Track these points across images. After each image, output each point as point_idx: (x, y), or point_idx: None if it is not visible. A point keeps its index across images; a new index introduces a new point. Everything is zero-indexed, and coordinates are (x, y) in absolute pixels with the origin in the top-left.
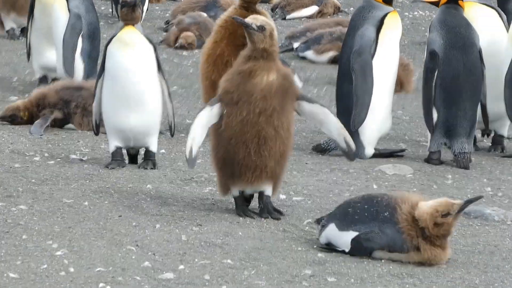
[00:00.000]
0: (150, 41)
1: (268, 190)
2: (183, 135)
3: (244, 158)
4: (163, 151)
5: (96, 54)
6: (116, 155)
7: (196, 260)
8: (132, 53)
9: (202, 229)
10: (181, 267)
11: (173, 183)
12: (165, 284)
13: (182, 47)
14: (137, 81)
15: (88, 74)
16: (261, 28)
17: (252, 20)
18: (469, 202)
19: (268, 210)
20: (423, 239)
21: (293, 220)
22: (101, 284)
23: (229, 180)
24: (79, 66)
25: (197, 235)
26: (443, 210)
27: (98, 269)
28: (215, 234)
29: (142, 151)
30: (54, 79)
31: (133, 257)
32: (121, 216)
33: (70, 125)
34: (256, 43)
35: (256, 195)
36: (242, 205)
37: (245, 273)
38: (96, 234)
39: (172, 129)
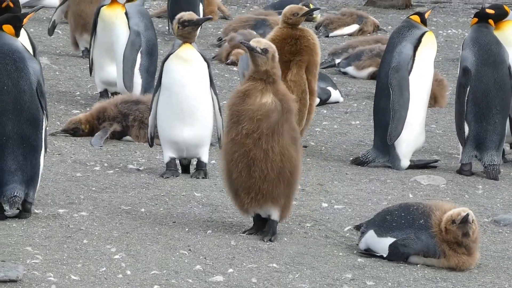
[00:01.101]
0: (205, 59)
1: (274, 214)
2: None
3: (237, 179)
4: (213, 161)
5: (154, 69)
6: (170, 165)
7: (244, 264)
8: (188, 70)
9: (250, 235)
10: (230, 270)
11: (223, 191)
12: (215, 286)
13: (233, 63)
14: (191, 96)
15: (145, 89)
16: (265, 51)
17: (256, 43)
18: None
19: (266, 234)
20: (448, 245)
21: (334, 226)
22: (155, 286)
23: (238, 200)
24: (138, 81)
25: (245, 240)
26: (452, 218)
27: (153, 272)
28: (262, 240)
29: (194, 162)
30: (114, 93)
31: (186, 260)
32: (175, 222)
33: (128, 137)
34: (259, 65)
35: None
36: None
37: (290, 276)
38: (151, 239)
39: (221, 141)
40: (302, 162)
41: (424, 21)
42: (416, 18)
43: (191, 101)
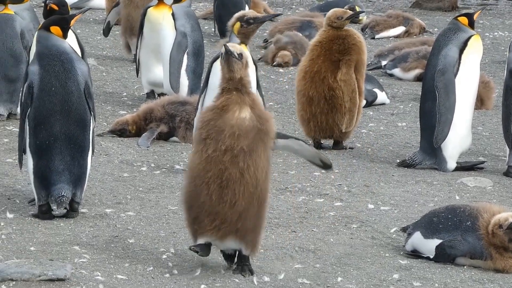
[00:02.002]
0: (254, 61)
1: (244, 249)
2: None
3: (205, 203)
4: None
5: (200, 70)
6: None
7: (290, 264)
8: None
9: (297, 236)
10: (276, 270)
11: (269, 192)
12: (262, 286)
13: (279, 65)
14: None
15: (192, 90)
16: (240, 56)
17: (232, 48)
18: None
19: (243, 269)
20: (494, 248)
21: (381, 228)
22: (202, 286)
23: (193, 226)
24: (184, 82)
25: (291, 241)
26: (499, 223)
27: (200, 271)
28: (309, 240)
29: None
30: (161, 94)
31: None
32: None
33: (174, 138)
34: (234, 72)
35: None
36: (205, 250)
37: (336, 277)
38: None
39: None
40: (269, 198)
41: (471, 23)
42: (464, 19)
43: None
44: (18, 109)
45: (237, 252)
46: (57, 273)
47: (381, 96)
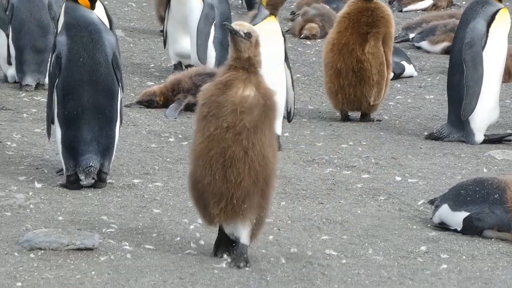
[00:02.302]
0: (282, 33)
1: (243, 236)
2: (305, 120)
3: (210, 184)
4: (287, 134)
5: (227, 42)
6: None
7: (318, 235)
8: (269, 44)
9: (324, 207)
10: (304, 242)
11: (296, 164)
12: (289, 257)
13: (306, 38)
14: (268, 69)
15: (219, 62)
16: (248, 35)
17: (239, 26)
18: None
19: (238, 259)
20: None
21: (408, 200)
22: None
23: (206, 210)
24: (211, 53)
25: (318, 212)
26: None
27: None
28: (336, 212)
29: None
30: (188, 66)
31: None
32: None
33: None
34: (242, 51)
35: None
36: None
37: (364, 249)
38: None
39: (291, 115)
40: (276, 175)
41: None
42: None
43: (267, 74)
44: (46, 80)
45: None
46: (85, 243)
47: (409, 69)
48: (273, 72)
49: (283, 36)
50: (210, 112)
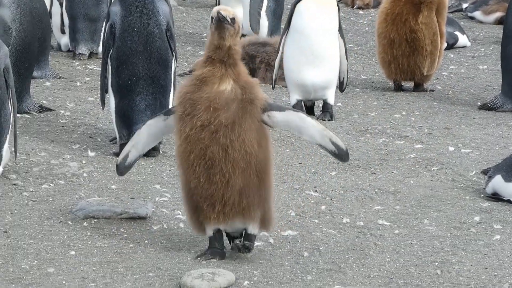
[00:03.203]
0: (337, 3)
1: (252, 228)
2: (357, 90)
3: (197, 187)
4: (339, 104)
5: (280, 12)
6: (297, 107)
7: (370, 205)
8: (323, 14)
9: (376, 177)
10: (356, 212)
11: (349, 134)
12: (341, 227)
13: (359, 8)
14: (323, 40)
15: (272, 31)
16: (233, 21)
17: (224, 12)
18: None
19: (239, 247)
20: None
21: (461, 170)
22: (281, 224)
23: (196, 216)
24: (264, 23)
25: (371, 182)
26: None
27: (280, 212)
28: (388, 182)
29: (319, 104)
30: (241, 35)
31: (312, 201)
32: (301, 163)
33: (254, 79)
34: (225, 39)
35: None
36: (218, 248)
37: (416, 219)
38: (278, 179)
39: (344, 85)
40: (273, 164)
41: None
42: None
43: (322, 44)
44: (99, 49)
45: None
46: (138, 212)
47: (462, 39)
48: (327, 42)
49: (338, 6)
50: (185, 111)
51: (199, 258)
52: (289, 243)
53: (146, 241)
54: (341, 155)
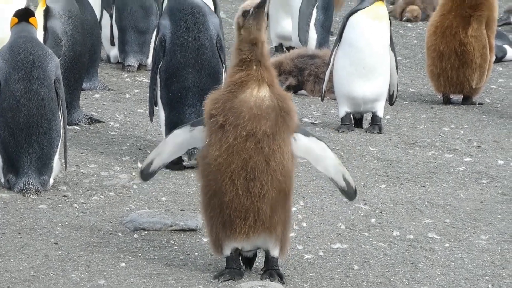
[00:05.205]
0: (389, 17)
1: (273, 249)
2: (406, 102)
3: (233, 200)
4: (388, 116)
5: (329, 24)
6: (345, 119)
7: (420, 219)
8: (377, 27)
9: (426, 190)
10: (406, 225)
11: (398, 146)
12: (392, 240)
13: (408, 20)
14: (376, 53)
15: (320, 44)
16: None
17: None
18: None
19: (271, 274)
20: None
21: (511, 184)
22: (331, 237)
23: (221, 232)
24: (313, 35)
25: (421, 195)
26: None
27: (330, 224)
28: (438, 195)
29: (368, 116)
30: (289, 48)
31: (362, 214)
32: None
33: (302, 91)
34: (262, 30)
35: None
36: (235, 268)
37: (467, 232)
38: (327, 192)
39: (393, 98)
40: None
41: None
42: None
43: (374, 57)
44: (148, 61)
45: (256, 254)
46: (188, 224)
47: (511, 52)
48: (378, 55)
49: (389, 19)
50: (227, 121)
51: (217, 279)
52: (339, 256)
53: (196, 253)
54: (349, 193)
